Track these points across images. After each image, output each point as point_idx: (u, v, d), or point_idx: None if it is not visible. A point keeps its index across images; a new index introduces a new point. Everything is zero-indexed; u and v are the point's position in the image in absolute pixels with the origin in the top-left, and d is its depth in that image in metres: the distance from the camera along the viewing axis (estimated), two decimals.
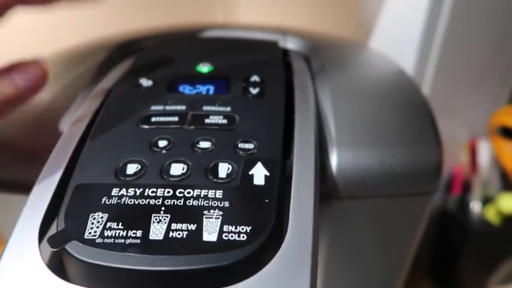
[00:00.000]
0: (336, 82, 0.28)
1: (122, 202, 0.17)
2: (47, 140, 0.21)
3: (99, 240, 0.15)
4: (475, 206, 0.50)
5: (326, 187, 0.24)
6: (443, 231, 0.54)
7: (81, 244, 0.15)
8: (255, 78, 0.24)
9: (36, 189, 0.18)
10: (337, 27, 0.55)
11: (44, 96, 0.27)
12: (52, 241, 0.15)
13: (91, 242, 0.15)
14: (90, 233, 0.16)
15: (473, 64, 0.48)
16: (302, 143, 0.20)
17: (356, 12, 0.51)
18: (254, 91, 0.23)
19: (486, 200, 0.51)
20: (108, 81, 0.26)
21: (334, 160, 0.24)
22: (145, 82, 0.24)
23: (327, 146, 0.24)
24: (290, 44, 0.34)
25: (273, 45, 0.31)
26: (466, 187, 0.51)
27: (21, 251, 0.15)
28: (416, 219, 0.27)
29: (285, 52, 0.31)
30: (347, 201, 0.24)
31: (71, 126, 0.21)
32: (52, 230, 0.16)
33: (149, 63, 0.27)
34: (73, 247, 0.15)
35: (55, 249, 0.15)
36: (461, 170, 0.52)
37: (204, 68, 0.26)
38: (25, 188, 0.22)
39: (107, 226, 0.16)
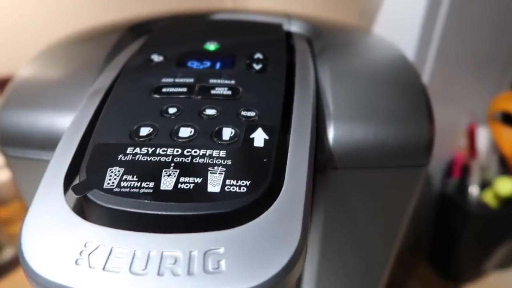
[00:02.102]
0: (335, 61, 0.29)
1: (136, 159, 0.19)
2: None
3: (116, 189, 0.17)
4: (474, 189, 0.51)
5: (323, 158, 0.26)
6: (442, 215, 0.56)
7: (101, 192, 0.17)
8: (258, 55, 0.26)
9: (59, 148, 0.20)
10: (341, 14, 0.57)
11: (60, 74, 0.29)
12: (76, 190, 0.17)
13: (109, 191, 0.17)
14: (108, 183, 0.18)
15: (475, 51, 0.49)
16: (300, 113, 0.22)
17: (359, 1, 0.52)
18: (257, 66, 0.25)
19: (485, 184, 0.52)
20: (122, 57, 0.28)
21: (331, 133, 0.25)
22: (156, 58, 0.26)
23: (325, 120, 0.26)
24: (294, 27, 0.36)
25: (277, 27, 0.33)
26: (465, 171, 0.53)
27: (48, 199, 0.17)
28: (407, 191, 0.29)
29: (289, 35, 0.33)
30: (342, 171, 0.26)
31: (90, 95, 0.23)
32: (75, 182, 0.19)
33: (160, 41, 0.29)
34: (94, 195, 0.17)
35: (78, 196, 0.17)
36: (461, 155, 0.53)
37: (211, 46, 0.27)
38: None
39: (123, 178, 0.18)
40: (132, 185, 0.18)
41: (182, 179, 0.18)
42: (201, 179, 0.18)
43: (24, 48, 0.44)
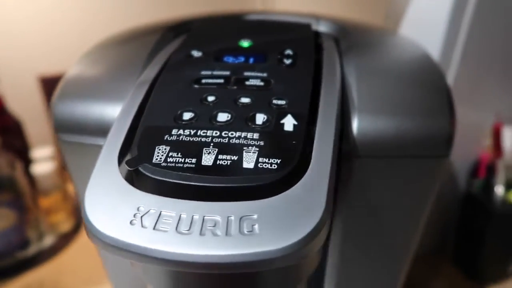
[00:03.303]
0: (361, 59, 0.31)
1: (180, 139, 0.21)
2: None
3: (164, 164, 0.20)
4: (499, 189, 0.52)
5: (347, 148, 0.28)
6: (467, 215, 0.56)
7: (150, 166, 0.20)
8: (288, 51, 0.28)
9: (113, 130, 0.23)
10: (367, 16, 0.58)
11: (108, 68, 0.32)
12: (130, 164, 0.20)
13: (157, 165, 0.20)
14: (156, 159, 0.20)
15: (500, 52, 0.50)
16: (326, 104, 0.24)
17: (386, 3, 0.53)
18: (287, 61, 0.27)
19: (510, 185, 0.52)
20: (164, 54, 0.30)
21: (355, 123, 0.27)
22: (196, 53, 0.28)
23: (350, 112, 0.28)
24: (322, 27, 0.38)
25: (306, 27, 0.35)
26: (491, 171, 0.53)
27: (106, 171, 0.20)
28: (429, 182, 0.30)
29: (317, 34, 0.35)
30: (365, 160, 0.28)
31: (137, 85, 0.26)
32: (127, 158, 0.21)
33: (198, 39, 0.31)
34: (145, 168, 0.20)
35: (131, 169, 0.20)
36: (486, 154, 0.54)
37: (245, 43, 0.30)
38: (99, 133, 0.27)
39: (169, 155, 0.20)
40: (177, 160, 0.20)
41: (220, 156, 0.20)
42: (237, 157, 0.20)
43: (72, 49, 0.47)
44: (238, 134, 0.21)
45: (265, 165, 0.20)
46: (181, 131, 0.22)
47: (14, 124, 0.67)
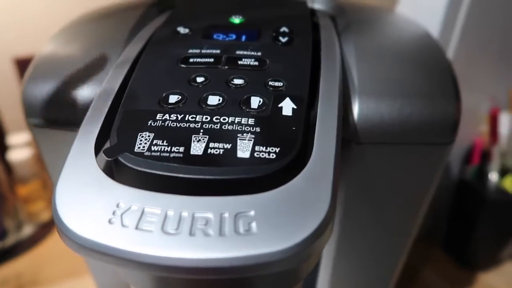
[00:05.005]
0: (360, 38, 0.29)
1: (165, 125, 0.19)
2: None
3: (147, 153, 0.18)
4: (493, 176, 0.51)
5: (347, 133, 0.25)
6: (459, 201, 0.56)
7: (132, 155, 0.17)
8: (284, 28, 0.26)
9: (89, 114, 0.20)
10: None
11: (84, 47, 0.29)
12: (108, 153, 0.18)
13: (140, 154, 0.18)
14: (139, 147, 0.18)
15: (498, 36, 0.48)
16: (327, 86, 0.22)
17: None
18: (283, 39, 0.25)
19: (505, 171, 0.51)
20: (147, 31, 0.28)
21: (356, 108, 0.25)
22: (182, 30, 0.26)
23: (350, 95, 0.26)
24: (318, 4, 0.35)
25: (301, 3, 0.32)
26: (485, 158, 0.52)
27: (80, 161, 0.18)
28: (431, 170, 0.29)
29: (313, 12, 0.32)
30: (366, 146, 0.26)
31: (117, 65, 0.23)
32: (106, 147, 0.19)
33: (185, 15, 0.29)
34: (125, 158, 0.17)
35: (110, 159, 0.17)
36: (481, 140, 0.52)
37: (236, 19, 0.27)
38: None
39: (153, 143, 0.18)
40: (162, 149, 0.18)
41: (211, 144, 0.18)
42: (230, 145, 0.18)
43: (49, 28, 0.44)
44: (231, 119, 0.19)
45: (262, 154, 0.18)
46: (166, 116, 0.19)
47: None
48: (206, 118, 0.19)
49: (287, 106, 0.20)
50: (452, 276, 0.56)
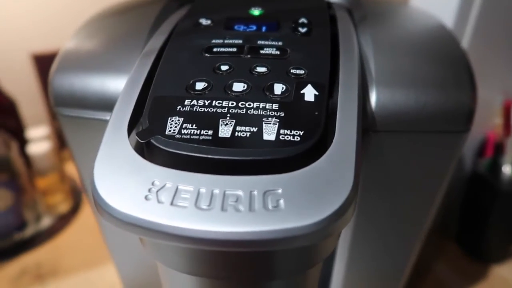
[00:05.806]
0: (377, 30, 0.30)
1: (194, 110, 0.20)
2: None
3: (178, 136, 0.19)
4: (507, 168, 0.51)
5: (365, 122, 0.26)
6: (472, 194, 0.56)
7: (163, 138, 0.18)
8: (303, 20, 0.27)
9: (120, 100, 0.21)
10: None
11: (109, 39, 0.30)
12: (141, 135, 0.19)
13: (171, 137, 0.18)
14: (170, 130, 0.19)
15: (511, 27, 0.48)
16: (346, 75, 0.23)
17: None
18: (302, 30, 0.26)
19: None
20: (169, 23, 0.29)
21: (373, 97, 0.26)
22: (205, 21, 0.27)
23: (367, 85, 0.26)
24: None
25: None
26: (498, 150, 0.52)
27: (115, 143, 0.19)
28: (446, 158, 0.29)
29: (329, 5, 0.33)
30: (383, 134, 0.27)
31: (143, 55, 0.24)
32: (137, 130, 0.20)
33: (206, 8, 0.29)
34: (157, 140, 0.18)
35: (142, 141, 0.18)
36: (494, 133, 0.53)
37: (256, 11, 0.28)
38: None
39: (183, 127, 0.19)
40: (192, 132, 0.19)
41: (238, 128, 0.19)
42: (256, 128, 0.19)
43: (67, 26, 0.45)
44: (256, 104, 0.20)
45: (287, 137, 0.18)
46: (194, 102, 0.20)
47: (8, 103, 0.64)
48: (232, 104, 0.20)
49: (309, 93, 0.21)
50: (465, 269, 0.56)
